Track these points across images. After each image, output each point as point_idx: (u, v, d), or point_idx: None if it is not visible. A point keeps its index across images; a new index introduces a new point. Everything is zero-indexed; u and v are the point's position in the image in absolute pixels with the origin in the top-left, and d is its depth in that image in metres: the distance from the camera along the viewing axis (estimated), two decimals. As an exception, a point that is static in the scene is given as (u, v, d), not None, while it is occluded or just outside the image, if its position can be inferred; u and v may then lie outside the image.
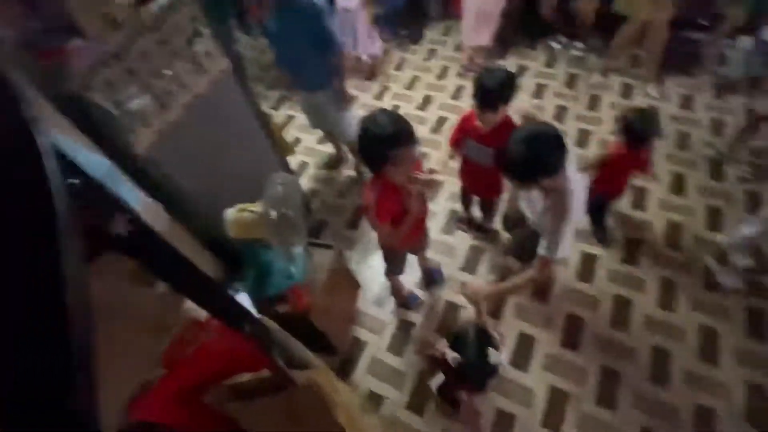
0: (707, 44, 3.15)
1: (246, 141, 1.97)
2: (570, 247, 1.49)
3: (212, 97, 1.64)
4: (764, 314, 2.08)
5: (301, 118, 3.38)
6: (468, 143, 1.85)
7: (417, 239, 1.97)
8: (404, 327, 2.26)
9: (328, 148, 3.11)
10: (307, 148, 3.17)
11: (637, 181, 2.64)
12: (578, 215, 1.53)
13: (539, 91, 3.29)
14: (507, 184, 2.09)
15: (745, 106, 2.91)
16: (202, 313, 1.07)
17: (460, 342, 1.42)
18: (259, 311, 1.42)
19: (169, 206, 1.36)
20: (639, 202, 2.57)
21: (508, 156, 1.32)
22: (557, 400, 1.96)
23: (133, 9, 1.31)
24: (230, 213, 1.53)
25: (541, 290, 2.27)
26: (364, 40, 3.34)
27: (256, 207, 1.53)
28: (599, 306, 2.22)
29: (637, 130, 1.91)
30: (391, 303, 2.35)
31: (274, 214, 1.50)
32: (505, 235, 2.47)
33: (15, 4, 1.18)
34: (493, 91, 1.57)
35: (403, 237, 1.63)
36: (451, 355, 1.37)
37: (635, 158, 2.02)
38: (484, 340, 1.48)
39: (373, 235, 2.58)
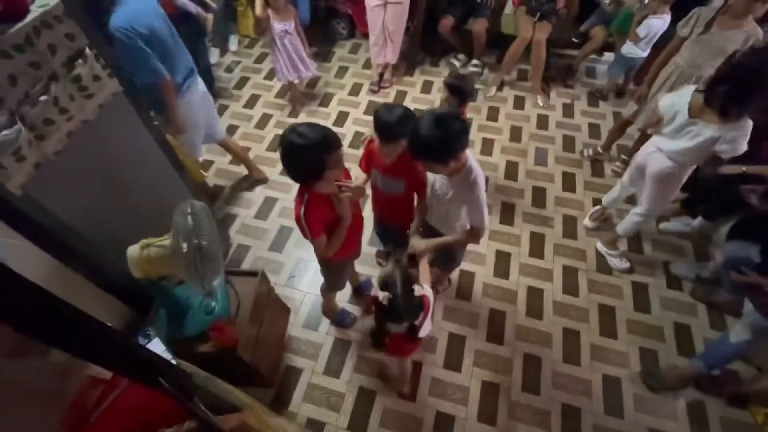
0: (579, 59, 3.65)
1: (147, 169, 1.80)
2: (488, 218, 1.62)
3: (103, 122, 1.47)
4: (647, 289, 2.44)
5: (210, 139, 3.20)
6: (374, 173, 1.89)
7: (355, 246, 1.94)
8: (340, 346, 2.22)
9: (243, 169, 2.98)
10: (220, 169, 3.00)
11: (538, 182, 2.96)
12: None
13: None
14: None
15: (612, 111, 3.42)
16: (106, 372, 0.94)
17: (388, 281, 1.46)
18: (177, 354, 1.29)
19: (55, 249, 1.18)
20: (539, 201, 2.86)
21: (419, 138, 1.39)
22: (489, 393, 2.08)
23: (-8, 27, 1.13)
24: (133, 250, 1.38)
25: (465, 293, 2.40)
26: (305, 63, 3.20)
27: (164, 241, 1.40)
28: (516, 298, 2.41)
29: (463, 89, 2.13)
30: (324, 323, 2.30)
31: (185, 246, 1.38)
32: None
33: None
34: (392, 125, 1.57)
35: (342, 246, 1.64)
36: (382, 294, 1.41)
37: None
38: (409, 278, 1.53)
39: (299, 256, 2.54)
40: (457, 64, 3.83)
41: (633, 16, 2.97)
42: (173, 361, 1.15)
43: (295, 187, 1.50)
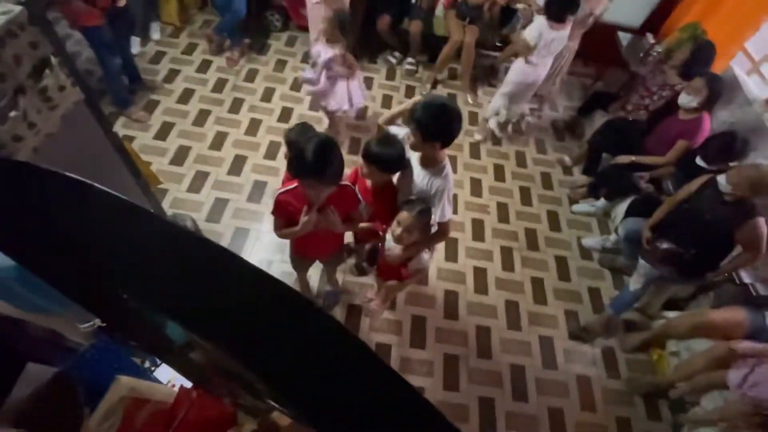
0: (501, 60, 4.06)
1: (106, 177, 1.70)
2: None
3: (65, 134, 1.38)
4: (566, 261, 2.92)
5: (142, 137, 2.99)
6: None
7: (313, 253, 2.04)
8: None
9: (186, 170, 2.85)
10: (161, 170, 2.82)
11: (474, 173, 3.30)
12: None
13: (387, 102, 3.69)
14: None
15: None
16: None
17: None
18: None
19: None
20: (476, 190, 3.21)
21: (420, 114, 1.55)
22: (451, 364, 2.36)
23: (-51, 36, 1.02)
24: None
25: (425, 277, 2.65)
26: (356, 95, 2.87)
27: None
28: (465, 279, 2.72)
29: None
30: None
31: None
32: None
33: None
34: (377, 157, 1.68)
35: (297, 243, 1.78)
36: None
37: None
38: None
39: (260, 256, 2.56)
40: (393, 61, 4.00)
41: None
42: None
43: (246, 186, 1.52)
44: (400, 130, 1.86)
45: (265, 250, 2.59)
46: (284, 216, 1.61)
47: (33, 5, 1.17)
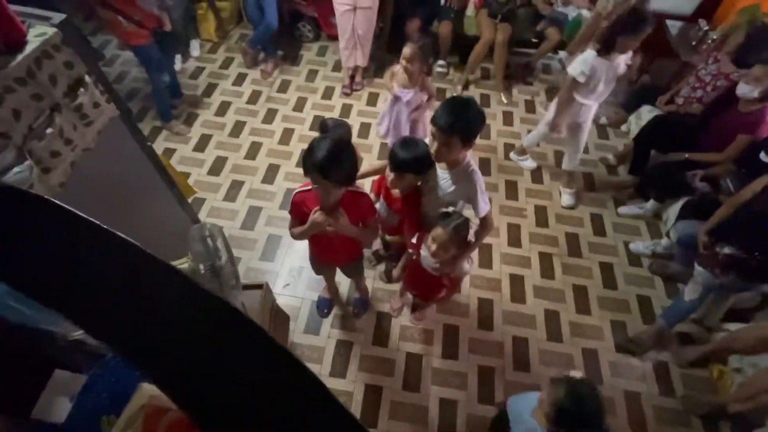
0: (536, 57, 3.91)
1: (143, 189, 1.78)
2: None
3: (102, 149, 1.45)
4: (612, 267, 2.72)
5: (182, 149, 3.13)
6: (380, 201, 1.99)
7: (327, 257, 1.99)
8: (342, 348, 2.30)
9: (222, 179, 2.95)
10: (199, 181, 2.94)
11: (509, 176, 3.17)
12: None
13: (417, 105, 3.64)
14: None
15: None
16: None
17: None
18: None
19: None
20: (512, 193, 3.07)
21: (438, 113, 1.54)
22: (486, 376, 2.25)
23: (-7, 61, 1.10)
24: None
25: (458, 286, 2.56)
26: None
27: (183, 264, 1.42)
28: (500, 286, 2.60)
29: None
30: (324, 326, 2.37)
31: (203, 268, 1.41)
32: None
33: None
34: (406, 162, 1.69)
35: (312, 246, 1.85)
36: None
37: None
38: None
39: (292, 263, 2.58)
40: (423, 64, 3.95)
41: (580, 22, 3.24)
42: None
43: (278, 194, 1.53)
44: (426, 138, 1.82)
45: (297, 257, 2.61)
46: (298, 215, 1.62)
47: (67, 27, 1.24)
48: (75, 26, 1.29)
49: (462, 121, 1.54)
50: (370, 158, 3.19)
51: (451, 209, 1.69)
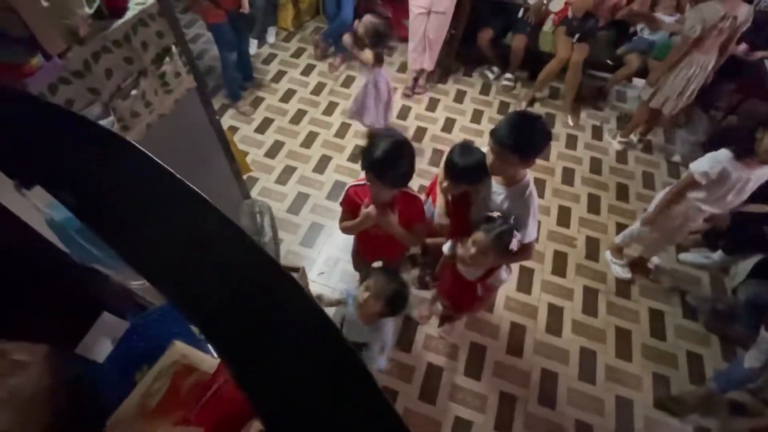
0: (612, 83, 3.71)
1: (205, 160, 1.87)
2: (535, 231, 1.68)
3: (175, 116, 1.55)
4: (663, 316, 2.52)
5: (244, 129, 3.27)
6: (427, 202, 1.96)
7: (371, 255, 2.01)
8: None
9: (276, 163, 3.06)
10: (255, 161, 3.06)
11: (563, 201, 3.03)
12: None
13: (477, 117, 3.58)
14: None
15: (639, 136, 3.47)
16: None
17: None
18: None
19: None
20: (564, 220, 2.93)
21: (498, 126, 1.47)
22: (507, 403, 2.16)
23: (97, 23, 1.20)
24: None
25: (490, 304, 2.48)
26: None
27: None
28: (536, 314, 2.48)
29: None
30: (350, 321, 2.38)
31: (248, 241, 1.46)
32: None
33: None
34: (464, 170, 1.61)
35: (358, 242, 1.82)
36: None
37: None
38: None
39: (329, 252, 2.62)
40: (490, 76, 3.88)
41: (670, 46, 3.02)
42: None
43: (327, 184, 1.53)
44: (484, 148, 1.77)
45: (335, 248, 2.64)
46: (349, 209, 1.63)
47: (165, 0, 1.33)
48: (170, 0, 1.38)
49: (523, 138, 1.46)
50: (421, 162, 3.17)
51: (496, 214, 1.62)
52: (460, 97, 3.72)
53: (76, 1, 1.15)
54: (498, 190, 1.70)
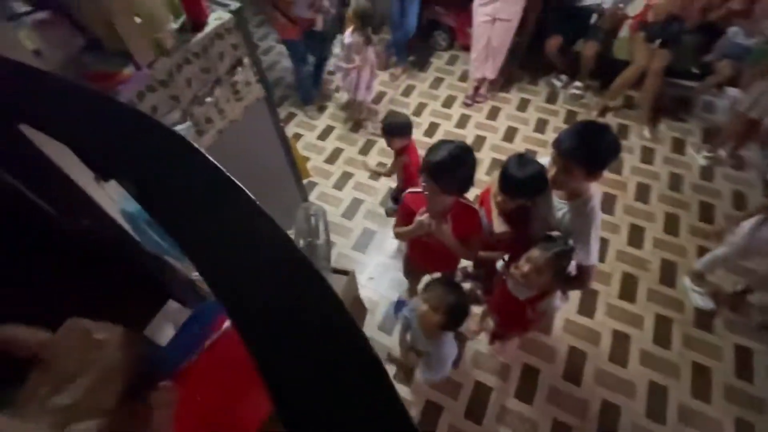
0: (698, 92, 3.36)
1: (269, 164, 1.98)
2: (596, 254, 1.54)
3: (244, 123, 1.65)
4: (752, 356, 2.20)
5: (308, 136, 3.42)
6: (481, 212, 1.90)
7: (423, 263, 1.98)
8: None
9: (335, 169, 3.15)
10: (316, 167, 3.18)
11: (636, 220, 2.78)
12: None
13: (541, 126, 3.42)
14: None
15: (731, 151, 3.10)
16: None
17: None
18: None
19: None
20: (636, 240, 2.69)
21: (562, 136, 1.39)
22: (560, 433, 2.01)
23: (181, 36, 1.32)
24: (259, 240, 1.53)
25: (546, 325, 2.33)
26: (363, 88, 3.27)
27: (286, 235, 1.54)
28: (599, 340, 2.29)
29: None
30: (398, 329, 2.36)
31: (302, 243, 1.51)
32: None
33: (61, 24, 1.18)
34: (519, 182, 1.52)
35: (411, 249, 1.81)
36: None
37: None
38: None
39: (380, 259, 2.63)
40: (558, 84, 3.70)
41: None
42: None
43: (381, 191, 1.54)
44: (543, 159, 1.68)
45: (385, 254, 2.65)
46: (405, 215, 1.63)
47: (239, 14, 1.43)
48: (245, 14, 1.49)
49: (589, 149, 1.36)
50: (478, 173, 3.08)
51: (556, 234, 1.52)
52: (523, 105, 3.59)
53: (165, 17, 1.28)
54: (559, 204, 1.60)
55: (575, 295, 2.44)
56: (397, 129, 2.21)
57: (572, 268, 1.45)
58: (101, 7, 1.10)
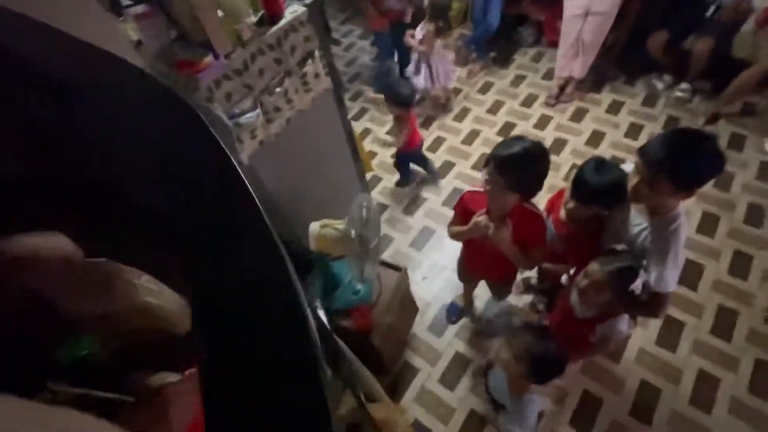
0: None
1: (333, 155, 2.03)
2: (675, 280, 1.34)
3: (312, 113, 1.71)
4: None
5: (377, 131, 3.45)
6: (546, 220, 1.75)
7: (476, 266, 1.89)
8: (460, 361, 2.19)
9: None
10: (382, 162, 3.21)
11: (743, 245, 2.39)
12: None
13: (634, 131, 3.07)
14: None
15: None
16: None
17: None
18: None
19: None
20: (740, 269, 2.30)
21: (657, 141, 1.23)
22: (620, 474, 1.80)
23: (258, 29, 1.40)
24: (315, 227, 1.58)
25: (615, 351, 2.10)
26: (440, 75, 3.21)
27: (339, 225, 1.57)
28: (680, 379, 2.00)
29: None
30: (448, 332, 2.30)
31: (354, 233, 1.52)
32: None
33: (159, 18, 1.31)
34: (593, 189, 1.40)
35: (465, 250, 1.77)
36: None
37: None
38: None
39: (436, 259, 2.58)
40: (659, 86, 3.29)
41: None
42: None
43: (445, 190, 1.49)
44: (628, 166, 1.49)
45: (442, 255, 2.59)
46: (461, 214, 1.57)
47: (313, 7, 1.48)
48: (319, 7, 1.53)
49: (680, 162, 1.17)
50: (555, 176, 2.87)
51: (621, 246, 1.35)
52: (615, 108, 3.25)
53: (245, 11, 1.37)
54: (637, 221, 1.42)
55: (655, 323, 2.16)
56: (400, 99, 2.39)
57: (637, 287, 1.28)
58: (189, 2, 1.20)
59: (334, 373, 0.97)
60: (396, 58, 3.59)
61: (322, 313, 1.44)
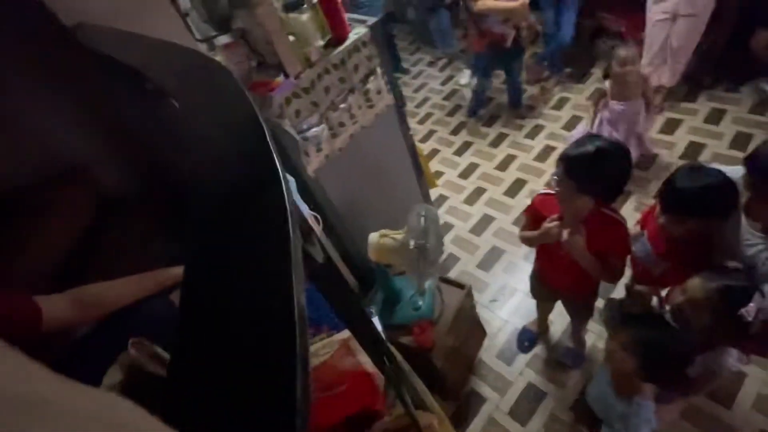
0: None
1: (395, 170, 2.07)
2: None
3: (374, 129, 1.77)
4: None
5: (444, 152, 3.45)
6: (641, 236, 1.56)
7: (551, 278, 1.72)
8: (533, 394, 2.00)
9: (468, 184, 3.09)
10: (448, 181, 3.18)
11: None
12: None
13: (742, 141, 2.68)
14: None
15: None
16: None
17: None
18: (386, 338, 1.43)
19: (323, 222, 1.50)
20: None
21: (763, 151, 1.08)
22: None
23: (324, 50, 1.51)
24: (374, 237, 1.60)
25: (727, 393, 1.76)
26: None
27: (398, 235, 1.57)
28: (821, 436, 1.60)
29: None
30: (519, 360, 2.13)
31: (412, 243, 1.51)
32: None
33: (241, 48, 1.49)
34: (688, 196, 1.21)
35: (538, 259, 1.67)
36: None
37: None
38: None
39: (505, 281, 2.43)
40: (770, 90, 2.86)
41: None
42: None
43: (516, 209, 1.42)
44: (735, 171, 1.29)
45: (513, 277, 2.43)
46: (531, 218, 1.51)
47: (375, 29, 1.56)
48: (381, 28, 1.61)
49: None
50: (644, 195, 2.59)
51: (734, 264, 1.14)
52: (715, 117, 2.88)
53: (314, 35, 1.49)
54: (753, 238, 1.20)
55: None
56: None
57: (751, 313, 1.06)
58: (264, 30, 1.34)
59: (387, 378, 0.94)
60: (489, 82, 3.48)
61: (375, 321, 1.43)
